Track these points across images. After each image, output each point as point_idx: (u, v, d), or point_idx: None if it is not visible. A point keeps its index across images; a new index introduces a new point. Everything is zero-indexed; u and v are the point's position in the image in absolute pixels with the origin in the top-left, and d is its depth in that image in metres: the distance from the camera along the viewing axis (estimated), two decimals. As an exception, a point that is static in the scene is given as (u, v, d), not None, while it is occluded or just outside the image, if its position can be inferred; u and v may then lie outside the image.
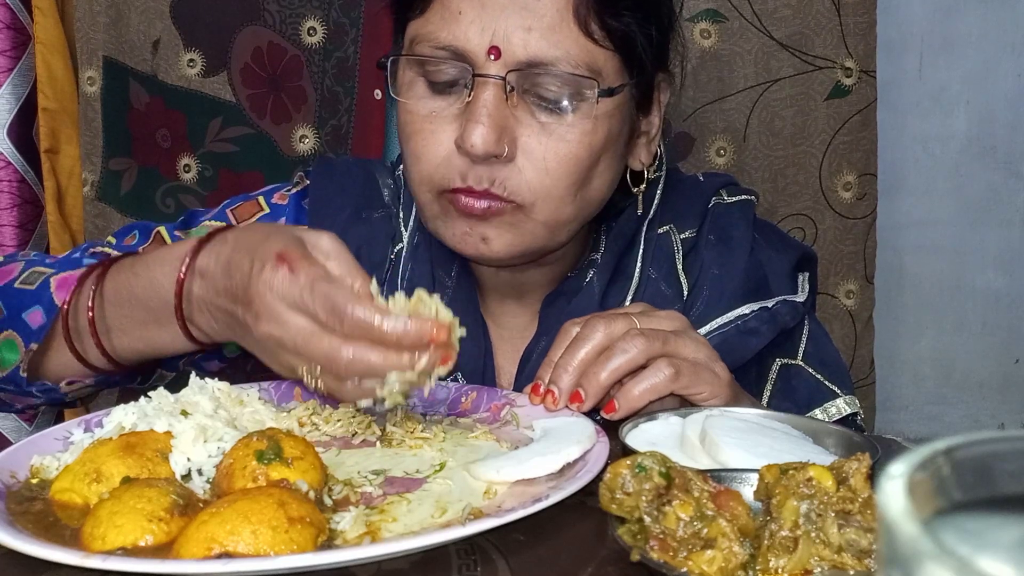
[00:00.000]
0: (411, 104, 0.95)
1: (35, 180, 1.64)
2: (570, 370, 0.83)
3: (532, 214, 0.94)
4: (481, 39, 0.91)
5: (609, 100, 0.94)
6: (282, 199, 1.12)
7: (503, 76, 0.91)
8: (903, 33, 1.71)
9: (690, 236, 1.08)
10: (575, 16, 0.91)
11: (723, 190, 1.12)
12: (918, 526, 0.26)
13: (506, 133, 0.91)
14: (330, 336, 0.71)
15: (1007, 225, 1.77)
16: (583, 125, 0.93)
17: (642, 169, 1.05)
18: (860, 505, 0.54)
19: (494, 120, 0.90)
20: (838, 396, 1.03)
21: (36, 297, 0.92)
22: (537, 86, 0.92)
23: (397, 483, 0.71)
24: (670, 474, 0.57)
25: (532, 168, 0.92)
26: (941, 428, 1.82)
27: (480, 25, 0.91)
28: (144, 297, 0.86)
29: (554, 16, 0.91)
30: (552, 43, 0.91)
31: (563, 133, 0.92)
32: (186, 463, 0.69)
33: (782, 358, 1.05)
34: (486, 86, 0.91)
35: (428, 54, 0.93)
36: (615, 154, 0.99)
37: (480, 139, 0.89)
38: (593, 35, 0.92)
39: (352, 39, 1.59)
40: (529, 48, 0.90)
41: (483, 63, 0.91)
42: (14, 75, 1.59)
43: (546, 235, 0.96)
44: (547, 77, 0.91)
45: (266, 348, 0.76)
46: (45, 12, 1.61)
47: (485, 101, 0.90)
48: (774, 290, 1.05)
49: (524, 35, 0.90)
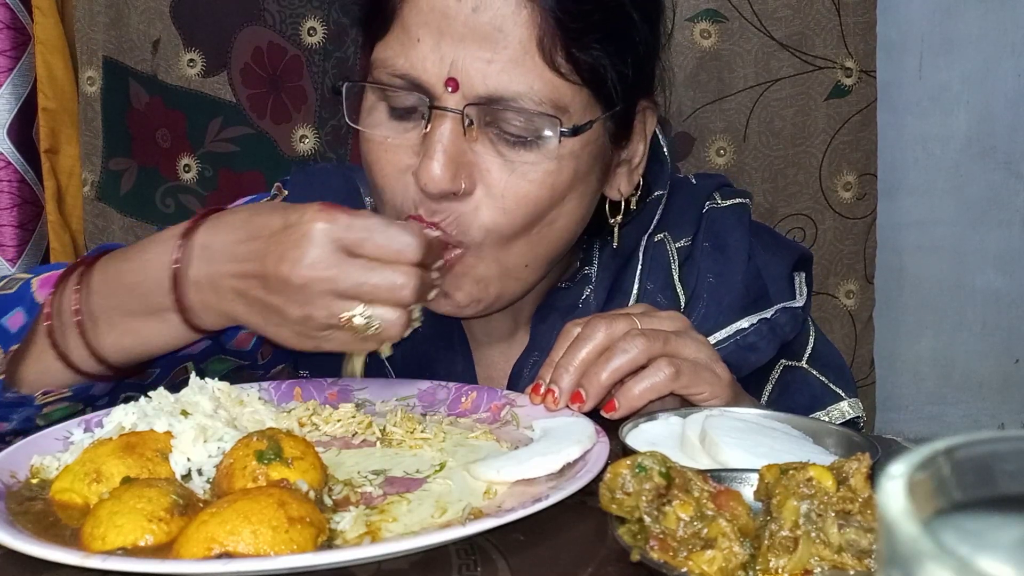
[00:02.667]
0: (369, 132, 0.91)
1: (35, 180, 1.64)
2: (571, 370, 0.82)
3: (481, 254, 0.89)
4: (439, 69, 0.86)
5: (575, 139, 0.89)
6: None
7: (460, 110, 0.86)
8: (903, 33, 1.71)
9: (685, 244, 1.04)
10: (539, 48, 0.86)
11: (716, 193, 1.08)
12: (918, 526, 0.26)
13: (463, 168, 0.86)
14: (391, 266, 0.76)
15: (1007, 225, 1.77)
16: (546, 164, 0.88)
17: (620, 199, 1.00)
18: (860, 505, 0.54)
19: (449, 156, 0.85)
20: (842, 399, 1.02)
21: (17, 299, 0.89)
22: (498, 120, 0.87)
23: (397, 483, 0.71)
24: (670, 474, 0.57)
25: (489, 206, 0.87)
26: (941, 428, 1.82)
27: (438, 54, 0.86)
28: (134, 283, 0.83)
29: (517, 48, 0.85)
30: (514, 77, 0.85)
31: (525, 171, 0.87)
32: (186, 463, 0.69)
33: (786, 360, 1.04)
34: (444, 119, 0.86)
35: (385, 81, 0.89)
36: (585, 191, 0.93)
37: (432, 177, 0.85)
38: (559, 68, 0.87)
39: (352, 39, 1.59)
40: (489, 82, 0.85)
41: (440, 94, 0.86)
42: (14, 75, 1.59)
43: (502, 277, 0.92)
44: (508, 112, 0.86)
45: (307, 298, 0.75)
46: (45, 12, 1.61)
47: (440, 136, 0.85)
48: (773, 297, 1.03)
49: (484, 67, 0.85)
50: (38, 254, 1.66)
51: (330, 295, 0.75)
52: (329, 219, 0.75)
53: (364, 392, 0.91)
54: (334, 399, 0.89)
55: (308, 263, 0.75)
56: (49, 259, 1.67)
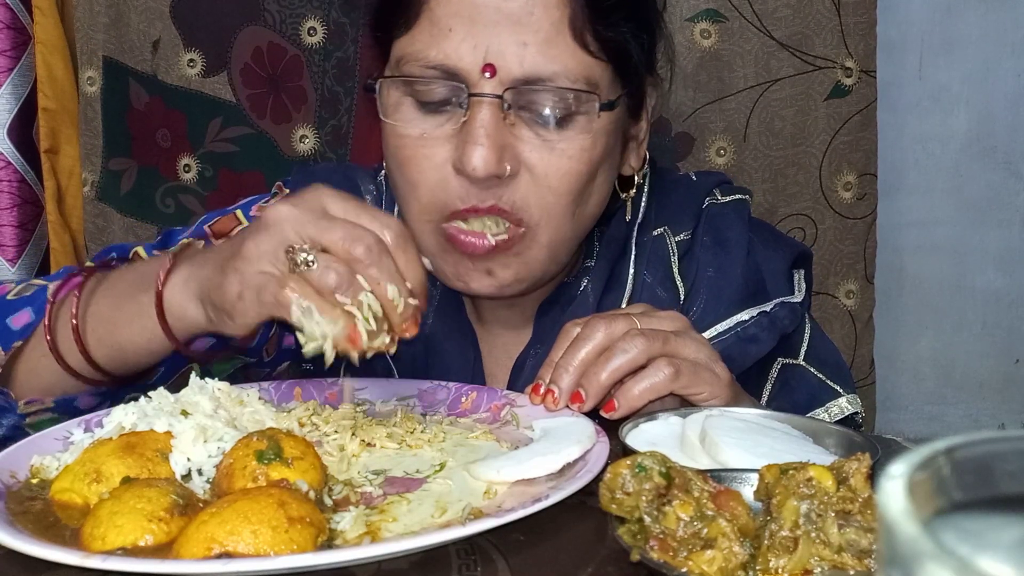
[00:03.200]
0: (400, 127, 0.91)
1: (35, 180, 1.64)
2: (571, 370, 0.83)
3: (536, 236, 0.91)
4: (474, 56, 0.87)
5: (606, 114, 0.92)
6: (261, 211, 1.10)
7: (499, 95, 0.87)
8: (903, 33, 1.71)
9: (685, 238, 1.06)
10: (571, 28, 0.88)
11: (716, 190, 1.10)
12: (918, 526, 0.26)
13: (507, 151, 0.88)
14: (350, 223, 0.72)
15: (1007, 225, 1.77)
16: (582, 140, 0.90)
17: (632, 174, 1.04)
18: (860, 505, 0.53)
19: (493, 140, 0.87)
20: (840, 395, 1.02)
21: (29, 301, 0.90)
22: (534, 103, 0.89)
23: (397, 483, 0.71)
24: (670, 474, 0.57)
25: (535, 185, 0.90)
26: (941, 428, 1.82)
27: (472, 42, 0.87)
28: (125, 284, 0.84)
29: (549, 30, 0.87)
30: (549, 58, 0.88)
31: (564, 148, 0.90)
32: (186, 463, 0.69)
33: (783, 358, 1.04)
34: (482, 105, 0.87)
35: (417, 74, 0.89)
36: (611, 165, 0.97)
37: (481, 161, 0.86)
38: (589, 47, 0.89)
39: (352, 39, 1.59)
40: (525, 64, 0.87)
41: (477, 81, 0.87)
42: (14, 75, 1.59)
43: (548, 259, 0.94)
44: (545, 93, 0.88)
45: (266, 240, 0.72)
46: (45, 12, 1.61)
47: (482, 121, 0.87)
48: (771, 292, 1.04)
49: (519, 51, 0.87)
50: (38, 254, 1.66)
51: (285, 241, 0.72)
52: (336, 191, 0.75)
53: (364, 392, 0.91)
54: (334, 399, 0.89)
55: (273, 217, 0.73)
56: (49, 259, 1.67)
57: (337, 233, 0.72)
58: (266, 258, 0.72)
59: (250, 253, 0.73)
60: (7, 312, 0.90)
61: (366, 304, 0.72)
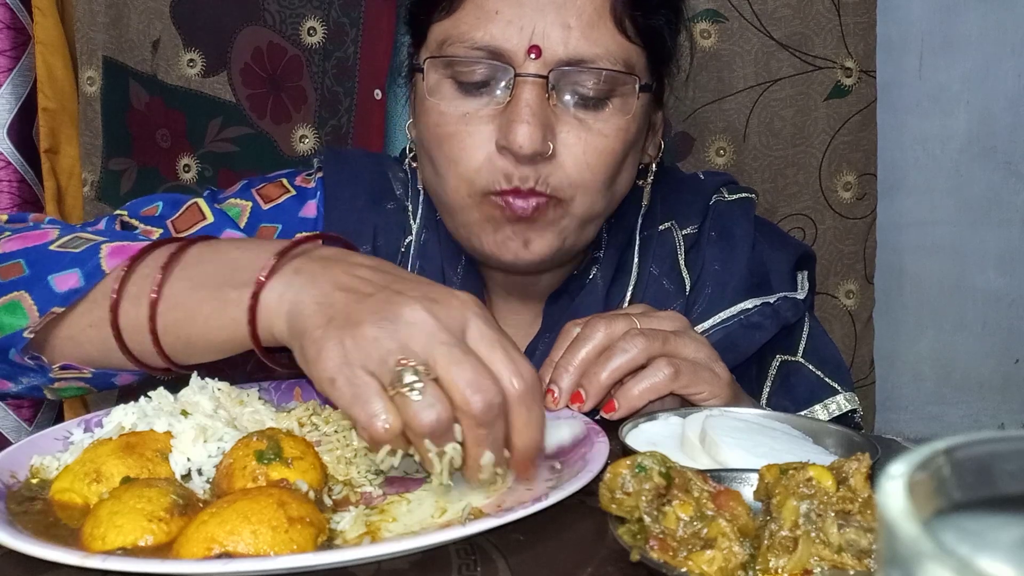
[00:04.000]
0: (443, 105, 0.93)
1: (35, 180, 1.64)
2: (571, 370, 0.83)
3: (570, 209, 0.94)
4: (520, 38, 0.90)
5: (642, 97, 0.95)
6: (306, 182, 1.10)
7: (545, 75, 0.90)
8: (903, 33, 1.71)
9: (692, 232, 1.08)
10: (612, 13, 0.92)
11: (724, 188, 1.12)
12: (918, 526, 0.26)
13: (549, 131, 0.91)
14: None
15: (1007, 225, 1.77)
16: (619, 121, 0.93)
17: (649, 162, 1.06)
18: (860, 505, 0.53)
19: (539, 119, 0.89)
20: (838, 393, 1.03)
21: (78, 260, 0.80)
22: (575, 84, 0.92)
23: (397, 483, 0.71)
24: (670, 474, 0.57)
25: (572, 163, 0.92)
26: (941, 428, 1.82)
27: (519, 24, 0.90)
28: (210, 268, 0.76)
29: (592, 13, 0.91)
30: (591, 40, 0.91)
31: (600, 128, 0.93)
32: (186, 463, 0.69)
33: (782, 355, 1.05)
34: (526, 85, 0.90)
35: (462, 55, 0.92)
36: (638, 148, 1.00)
37: (528, 139, 0.88)
38: (627, 32, 0.93)
39: (352, 39, 1.59)
40: (569, 46, 0.90)
41: (523, 62, 0.90)
42: (14, 75, 1.59)
43: (577, 231, 0.96)
44: (586, 75, 0.91)
45: (390, 341, 0.64)
46: (45, 12, 1.61)
47: (528, 100, 0.90)
48: (775, 287, 1.06)
49: (563, 33, 0.90)
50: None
51: (406, 351, 0.64)
52: (483, 311, 0.68)
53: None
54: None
55: (410, 317, 0.64)
56: (49, 259, 1.67)
57: (463, 375, 0.63)
58: (375, 359, 0.63)
59: (364, 340, 0.64)
60: (51, 267, 0.80)
61: (448, 456, 0.64)
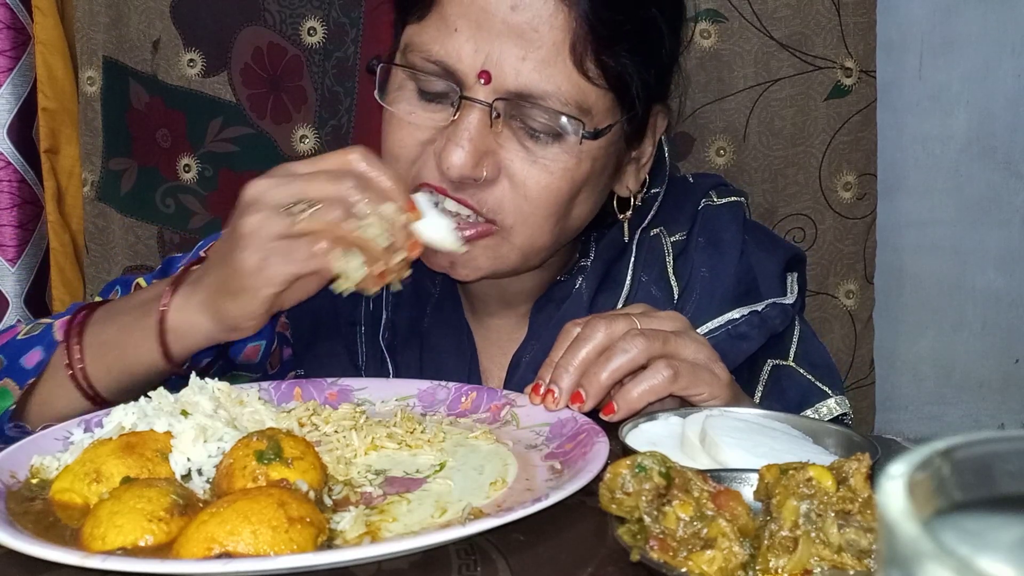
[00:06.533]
0: (397, 108, 0.94)
1: (35, 180, 1.64)
2: (571, 370, 0.83)
3: (511, 238, 0.93)
4: (473, 60, 0.89)
5: (594, 140, 0.93)
6: None
7: (490, 103, 0.89)
8: (903, 33, 1.71)
9: (680, 239, 1.07)
10: (571, 52, 0.90)
11: (713, 191, 1.11)
12: (918, 526, 0.26)
13: (487, 157, 0.90)
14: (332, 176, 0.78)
15: (1007, 225, 1.77)
16: (566, 160, 0.92)
17: (628, 196, 1.04)
18: (860, 505, 0.53)
19: (475, 145, 0.89)
20: (829, 396, 1.03)
21: (38, 340, 0.94)
22: (524, 116, 0.90)
23: (397, 483, 0.71)
24: (670, 474, 0.57)
25: (513, 191, 0.91)
26: (941, 428, 1.82)
27: (474, 46, 0.89)
28: (129, 307, 0.89)
29: (550, 49, 0.89)
30: (544, 76, 0.89)
31: (546, 163, 0.91)
32: (186, 463, 0.69)
33: (773, 359, 1.05)
34: (472, 109, 0.89)
35: (419, 65, 0.92)
36: (597, 186, 0.98)
37: (458, 162, 0.88)
38: (587, 72, 0.91)
39: (352, 39, 1.59)
40: (520, 78, 0.89)
41: (472, 85, 0.89)
42: (14, 75, 1.59)
43: (519, 260, 0.96)
44: (535, 110, 0.90)
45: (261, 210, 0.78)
46: (45, 12, 1.61)
47: (468, 124, 0.89)
48: (764, 293, 1.05)
49: (517, 64, 0.89)
50: (38, 254, 1.66)
51: (278, 204, 0.79)
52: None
53: (364, 392, 0.91)
54: (334, 399, 0.89)
55: (253, 194, 0.80)
56: (49, 259, 1.67)
57: (318, 180, 0.78)
58: (269, 224, 0.77)
59: (251, 227, 0.78)
60: (20, 352, 0.93)
61: (376, 221, 0.77)
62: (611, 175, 1.00)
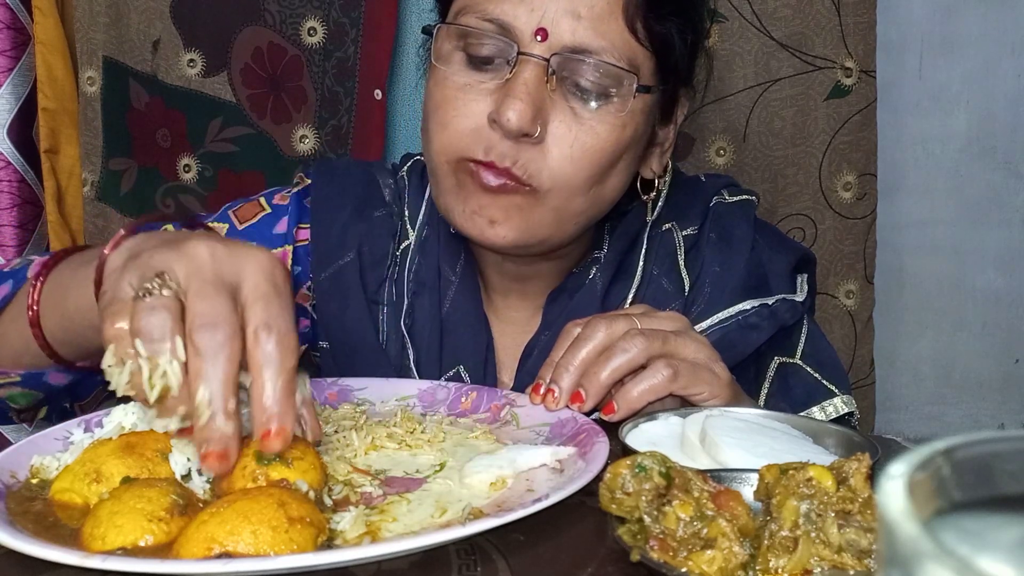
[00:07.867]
0: (449, 72, 0.95)
1: (35, 180, 1.64)
2: (571, 370, 0.83)
3: (545, 200, 0.94)
4: (530, 18, 0.92)
5: (642, 98, 0.95)
6: (283, 199, 1.12)
7: (547, 58, 0.91)
8: (903, 33, 1.71)
9: (692, 233, 1.09)
10: (623, 12, 0.93)
11: (724, 190, 1.13)
12: (918, 526, 0.26)
13: (540, 114, 0.92)
14: None
15: (1007, 225, 1.77)
16: (614, 119, 0.94)
17: (652, 178, 1.06)
18: (860, 505, 0.53)
19: (533, 98, 0.91)
20: (835, 395, 1.03)
21: (12, 274, 0.92)
22: (576, 73, 0.92)
23: (397, 483, 0.71)
24: (670, 474, 0.57)
25: (557, 154, 0.93)
26: (941, 428, 1.82)
27: (530, 5, 0.92)
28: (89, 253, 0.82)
29: (604, 8, 0.92)
30: (598, 33, 0.92)
31: (594, 124, 0.93)
32: (186, 463, 0.69)
33: (780, 356, 1.05)
34: (528, 65, 0.91)
35: (474, 25, 0.94)
36: (633, 156, 1.00)
37: (516, 115, 0.89)
38: (637, 33, 0.94)
39: (352, 39, 1.59)
40: (576, 34, 0.92)
41: (528, 42, 0.92)
42: (14, 75, 1.59)
43: (553, 224, 0.96)
44: (587, 66, 0.92)
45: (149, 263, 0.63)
46: (45, 12, 1.61)
47: (526, 79, 0.91)
48: (774, 289, 1.06)
49: (572, 21, 0.91)
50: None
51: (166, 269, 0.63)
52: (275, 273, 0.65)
53: (364, 392, 0.91)
54: (334, 399, 0.89)
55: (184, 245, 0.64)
56: (49, 259, 1.67)
57: (201, 305, 0.61)
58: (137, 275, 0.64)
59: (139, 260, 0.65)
60: None
61: (161, 371, 0.60)
62: (642, 152, 1.02)
